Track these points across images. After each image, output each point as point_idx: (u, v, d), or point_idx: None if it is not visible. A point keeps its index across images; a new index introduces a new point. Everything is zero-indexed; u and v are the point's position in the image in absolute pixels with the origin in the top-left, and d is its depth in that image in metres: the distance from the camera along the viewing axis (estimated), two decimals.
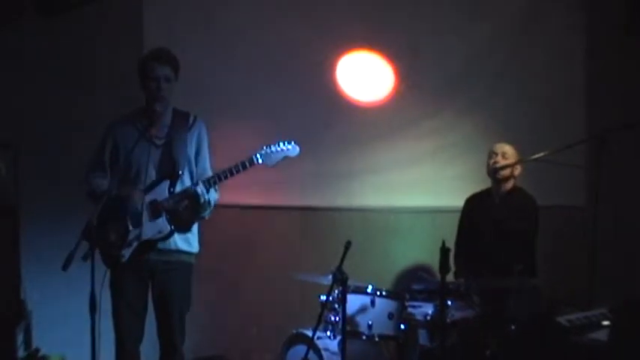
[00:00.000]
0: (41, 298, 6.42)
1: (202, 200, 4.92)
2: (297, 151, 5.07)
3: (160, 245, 4.99)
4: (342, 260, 5.10)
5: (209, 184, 4.94)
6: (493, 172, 5.78)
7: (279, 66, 6.55)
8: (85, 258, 4.59)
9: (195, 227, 5.15)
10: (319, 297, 5.38)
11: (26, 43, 6.55)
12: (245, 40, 6.53)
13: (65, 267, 4.55)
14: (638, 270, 6.16)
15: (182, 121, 5.10)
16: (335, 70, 6.56)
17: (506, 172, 5.75)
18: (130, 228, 4.91)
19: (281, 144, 5.03)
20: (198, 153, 5.12)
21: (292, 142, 5.07)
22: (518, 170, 5.81)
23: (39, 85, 6.57)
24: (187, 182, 5.02)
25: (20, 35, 6.51)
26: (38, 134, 6.54)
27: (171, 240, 5.00)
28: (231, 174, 4.94)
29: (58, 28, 6.51)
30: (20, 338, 6.34)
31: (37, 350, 6.40)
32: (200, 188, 4.89)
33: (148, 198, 4.94)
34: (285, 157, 5.05)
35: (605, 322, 4.61)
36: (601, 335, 4.52)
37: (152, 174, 5.00)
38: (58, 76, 6.56)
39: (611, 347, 4.31)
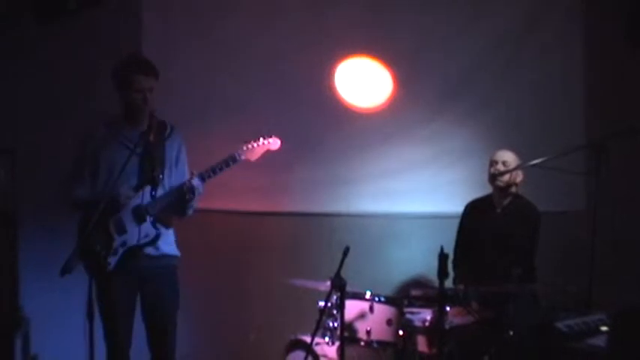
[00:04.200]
0: (39, 304, 6.42)
1: (198, 193, 4.95)
2: (277, 144, 5.19)
3: (147, 251, 5.00)
4: (340, 266, 5.08)
5: (204, 177, 4.96)
6: (493, 178, 5.76)
7: (277, 73, 6.55)
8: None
9: (172, 231, 5.16)
10: (317, 303, 5.37)
11: (25, 49, 6.56)
12: (243, 47, 6.54)
13: (63, 273, 4.55)
14: (637, 276, 6.15)
15: (160, 128, 5.12)
16: (333, 76, 6.57)
17: (506, 178, 5.73)
18: (115, 236, 4.92)
19: (261, 139, 5.14)
20: (177, 160, 5.15)
21: (272, 136, 5.17)
22: (519, 177, 5.78)
23: (37, 91, 6.57)
24: (167, 188, 5.03)
25: (19, 40, 6.52)
26: (37, 140, 6.54)
27: (158, 245, 5.01)
28: (214, 172, 4.99)
29: (56, 34, 6.52)
30: (18, 345, 6.34)
31: (35, 357, 6.41)
32: (196, 181, 4.93)
33: (132, 204, 4.95)
34: (267, 151, 5.15)
35: (604, 328, 4.60)
36: (599, 341, 4.51)
37: (133, 180, 5.00)
38: (56, 81, 6.57)
39: (610, 354, 4.29)
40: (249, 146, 5.10)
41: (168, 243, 5.10)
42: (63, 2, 6.46)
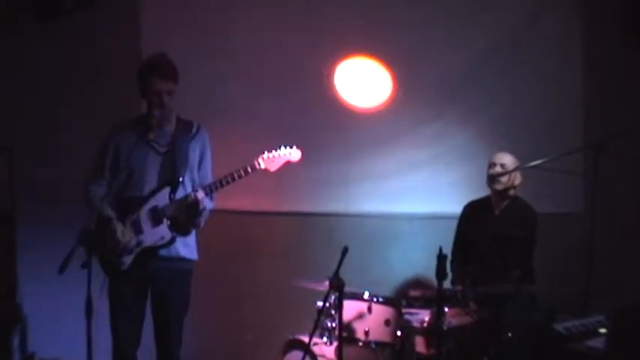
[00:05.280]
0: (37, 302, 6.42)
1: (201, 207, 4.93)
2: (298, 156, 5.15)
3: (163, 252, 5.00)
4: (338, 266, 5.08)
5: (209, 190, 4.96)
6: (491, 180, 5.76)
7: (277, 73, 6.54)
8: (83, 266, 4.60)
9: (193, 234, 5.16)
10: (316, 303, 5.36)
11: (24, 48, 6.55)
12: (243, 48, 6.53)
13: (61, 270, 4.55)
14: (635, 277, 6.15)
15: (185, 129, 5.12)
16: (333, 76, 6.56)
17: (504, 180, 5.73)
18: (132, 235, 4.92)
19: (282, 148, 5.10)
20: (201, 161, 5.15)
21: (294, 147, 5.12)
22: (518, 180, 5.77)
23: (35, 90, 6.57)
24: (189, 189, 5.03)
25: (18, 40, 6.52)
26: (34, 139, 6.54)
27: (172, 247, 5.01)
28: (233, 179, 4.98)
29: (55, 33, 6.51)
30: (16, 342, 6.34)
31: (33, 354, 6.40)
32: (201, 194, 4.91)
33: (149, 205, 4.97)
34: (287, 162, 5.11)
35: (602, 330, 4.59)
36: (598, 343, 4.49)
37: (153, 181, 5.01)
38: (55, 80, 6.56)
39: (608, 355, 4.29)
40: (270, 155, 5.07)
41: (186, 245, 5.09)
42: (61, 2, 6.45)
